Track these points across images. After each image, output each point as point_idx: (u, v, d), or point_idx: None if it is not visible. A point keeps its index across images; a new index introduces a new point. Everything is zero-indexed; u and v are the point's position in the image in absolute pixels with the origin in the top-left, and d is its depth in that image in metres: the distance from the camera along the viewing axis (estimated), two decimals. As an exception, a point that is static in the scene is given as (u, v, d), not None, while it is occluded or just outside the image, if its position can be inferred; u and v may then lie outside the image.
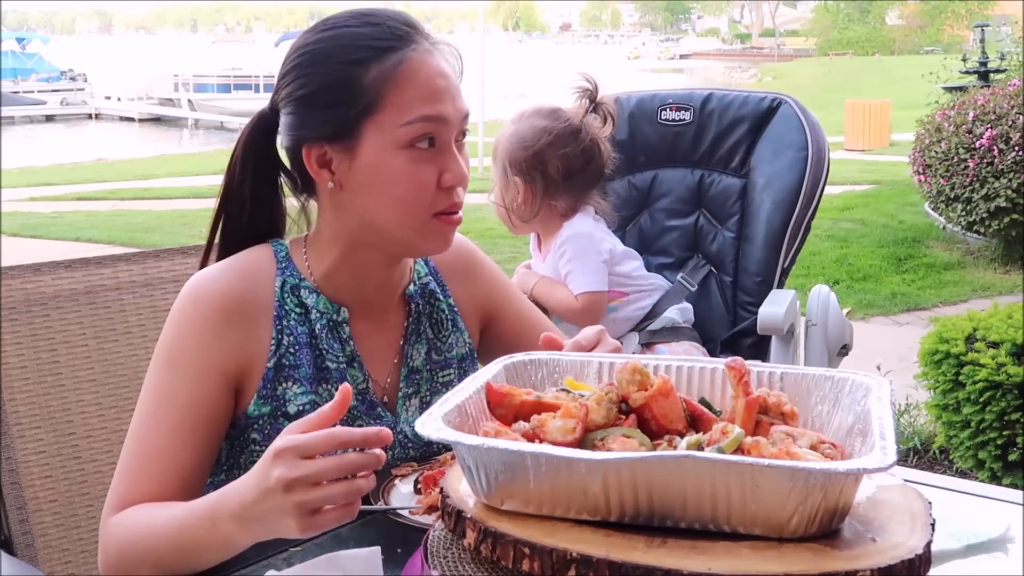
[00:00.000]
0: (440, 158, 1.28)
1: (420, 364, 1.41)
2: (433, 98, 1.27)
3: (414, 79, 1.26)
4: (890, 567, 0.84)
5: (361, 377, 1.36)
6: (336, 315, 1.35)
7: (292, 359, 1.31)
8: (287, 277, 1.34)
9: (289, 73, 1.31)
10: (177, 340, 1.28)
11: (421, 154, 1.27)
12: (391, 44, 1.27)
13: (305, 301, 1.34)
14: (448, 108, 1.28)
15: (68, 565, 1.62)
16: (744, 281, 2.48)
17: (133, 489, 1.23)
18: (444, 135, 1.28)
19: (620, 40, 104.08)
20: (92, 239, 8.90)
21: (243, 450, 1.31)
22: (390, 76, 1.26)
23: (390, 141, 1.26)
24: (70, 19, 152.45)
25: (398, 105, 1.26)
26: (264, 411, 1.29)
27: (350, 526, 1.20)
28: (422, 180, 1.27)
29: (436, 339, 1.44)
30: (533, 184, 2.26)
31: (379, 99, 1.26)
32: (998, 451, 3.31)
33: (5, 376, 1.59)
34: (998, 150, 6.82)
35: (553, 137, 2.23)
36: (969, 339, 3.38)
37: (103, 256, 1.75)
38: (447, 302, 1.46)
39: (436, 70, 1.28)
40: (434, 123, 1.27)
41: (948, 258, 7.58)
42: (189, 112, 27.66)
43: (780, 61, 51.50)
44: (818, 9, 63.16)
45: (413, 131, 1.26)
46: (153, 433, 1.24)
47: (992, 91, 7.42)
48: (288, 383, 1.30)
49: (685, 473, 0.86)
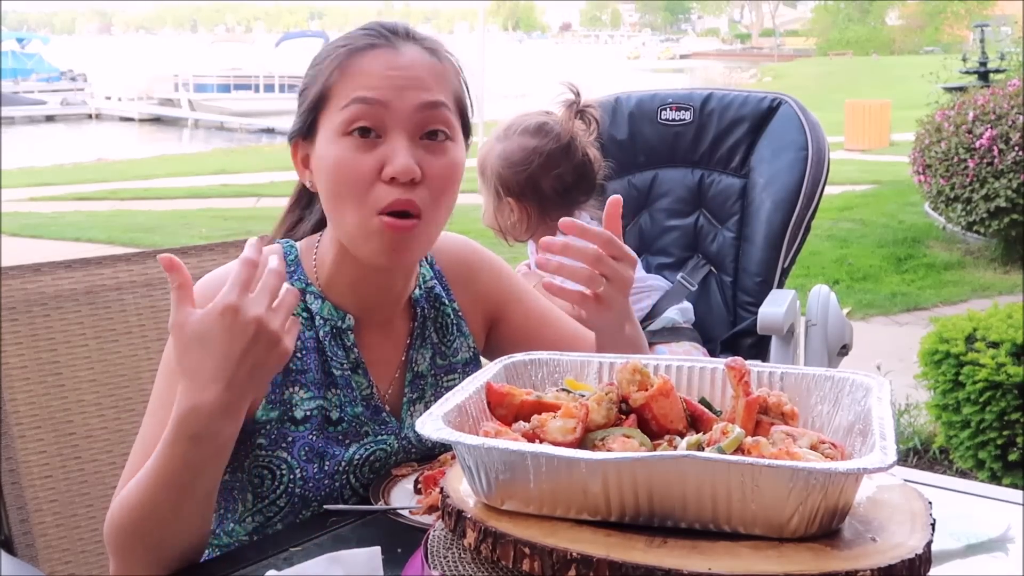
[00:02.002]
0: (383, 148, 1.23)
1: (425, 369, 1.41)
2: (375, 84, 1.24)
3: (361, 68, 1.25)
4: (890, 567, 0.84)
5: (366, 383, 1.35)
6: (341, 322, 1.34)
7: (299, 364, 1.31)
8: (294, 282, 1.33)
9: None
10: None
11: (359, 142, 1.23)
12: (358, 43, 1.27)
13: (311, 307, 1.33)
14: (391, 94, 1.23)
15: (68, 565, 1.62)
16: (744, 281, 2.48)
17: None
18: (389, 123, 1.23)
19: (620, 40, 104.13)
20: (92, 239, 8.90)
21: (247, 454, 1.30)
22: (340, 66, 1.26)
23: (331, 130, 1.25)
24: (70, 19, 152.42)
25: (342, 92, 1.25)
26: (272, 416, 1.29)
27: (351, 526, 1.20)
28: (356, 168, 1.23)
29: (441, 344, 1.43)
30: (527, 205, 2.24)
31: (329, 90, 1.26)
32: (998, 451, 3.31)
33: (5, 376, 1.59)
34: (998, 150, 6.82)
35: (545, 157, 2.19)
36: (969, 339, 3.38)
37: (103, 256, 1.75)
38: (452, 306, 1.45)
39: (391, 62, 1.26)
40: (370, 106, 1.23)
41: (948, 258, 7.59)
42: (189, 112, 27.66)
43: (780, 61, 51.51)
44: (818, 9, 63.17)
45: (347, 114, 1.23)
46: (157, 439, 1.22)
47: (992, 91, 7.43)
48: (295, 387, 1.30)
49: (685, 473, 0.86)
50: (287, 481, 1.28)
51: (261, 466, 1.29)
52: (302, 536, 1.18)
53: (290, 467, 1.28)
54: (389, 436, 1.34)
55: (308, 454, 1.28)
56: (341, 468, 1.30)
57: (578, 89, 2.26)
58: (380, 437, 1.34)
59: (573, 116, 2.23)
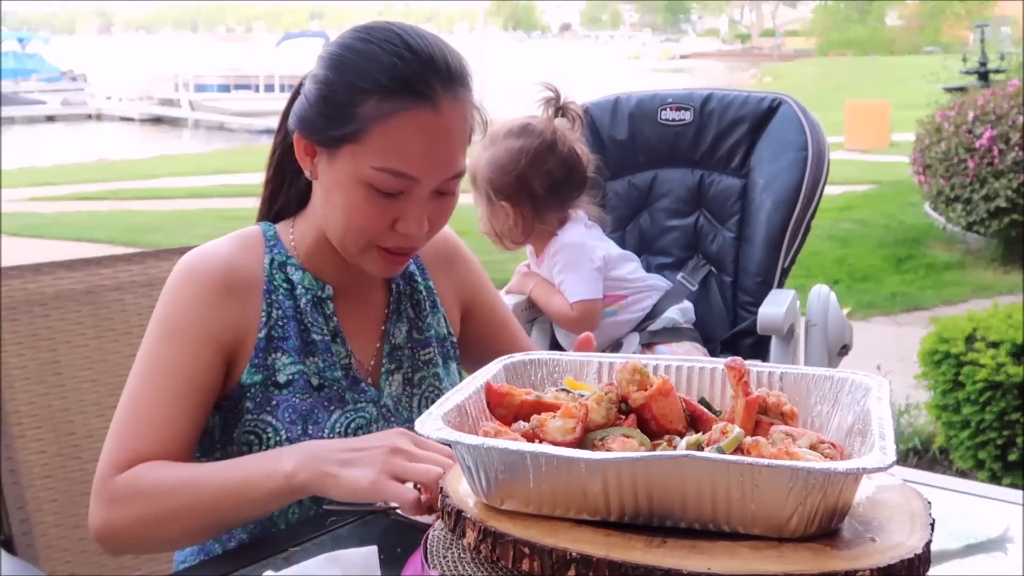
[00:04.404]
0: (402, 206, 1.29)
1: (402, 341, 1.46)
2: (414, 158, 1.27)
3: (403, 133, 1.26)
4: (889, 567, 0.84)
5: (344, 352, 1.40)
6: (320, 291, 1.40)
7: (281, 331, 1.36)
8: (275, 254, 1.39)
9: (318, 63, 1.32)
10: (176, 311, 1.32)
11: (380, 198, 1.28)
12: (402, 87, 1.25)
13: (291, 277, 1.39)
14: (426, 172, 1.27)
15: (69, 565, 1.62)
16: (744, 281, 2.48)
17: (134, 450, 1.26)
18: (414, 190, 1.29)
19: (620, 40, 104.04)
20: (93, 239, 8.91)
21: (236, 423, 1.34)
22: (383, 118, 1.26)
23: (356, 172, 1.28)
24: (70, 19, 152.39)
25: (378, 148, 1.26)
26: (256, 380, 1.34)
27: (350, 525, 1.20)
28: (371, 219, 1.29)
29: (417, 318, 1.49)
30: (521, 206, 2.27)
31: (364, 133, 1.26)
32: (998, 451, 3.31)
33: (5, 376, 1.59)
34: (998, 150, 6.82)
35: (532, 156, 2.22)
36: (969, 339, 3.38)
37: (103, 256, 1.75)
38: (425, 284, 1.51)
39: (433, 133, 1.27)
40: (403, 180, 1.27)
41: (948, 258, 7.59)
42: (189, 112, 27.62)
43: (780, 61, 51.44)
44: (818, 9, 63.14)
45: (379, 178, 1.27)
46: (151, 399, 1.28)
47: (992, 91, 7.43)
48: (278, 354, 1.35)
49: (685, 473, 0.87)
50: (273, 444, 1.32)
51: (248, 431, 1.33)
52: (301, 536, 1.18)
53: (275, 430, 1.32)
54: (368, 404, 1.39)
55: (292, 416, 1.33)
56: (324, 434, 1.34)
57: (555, 87, 2.28)
58: (360, 405, 1.38)
59: (554, 114, 2.26)
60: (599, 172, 2.42)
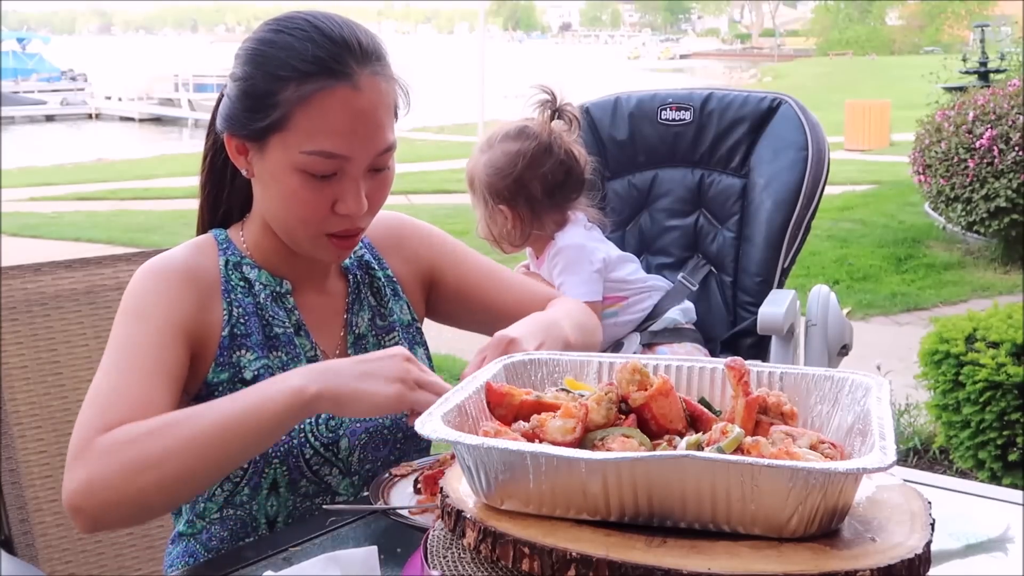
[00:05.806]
0: (339, 186, 1.30)
1: (365, 330, 1.48)
2: (340, 136, 1.28)
3: (326, 112, 1.27)
4: (890, 567, 0.84)
5: (309, 345, 1.41)
6: (279, 287, 1.41)
7: (243, 328, 1.37)
8: (229, 256, 1.41)
9: (235, 60, 1.34)
10: (141, 300, 1.32)
11: (316, 182, 1.29)
12: (318, 69, 1.27)
13: (247, 276, 1.40)
14: (355, 148, 1.29)
15: (68, 565, 1.62)
16: (744, 281, 2.48)
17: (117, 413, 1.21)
18: (346, 168, 1.30)
19: (620, 40, 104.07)
20: (92, 239, 8.91)
21: None
22: (304, 100, 1.27)
23: (288, 160, 1.29)
24: (70, 19, 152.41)
25: (304, 131, 1.27)
26: (223, 378, 1.35)
27: (350, 525, 1.20)
28: (310, 205, 1.30)
29: (379, 306, 1.50)
30: (519, 209, 2.27)
31: (288, 119, 1.28)
32: (998, 451, 3.31)
33: (5, 376, 1.59)
34: (998, 150, 6.82)
35: (529, 159, 2.22)
36: (969, 339, 3.38)
37: (103, 256, 1.75)
38: (384, 272, 1.52)
39: (355, 109, 1.28)
40: (334, 160, 1.28)
41: (948, 258, 7.58)
42: (189, 112, 27.63)
43: (780, 61, 51.46)
44: (818, 9, 63.18)
45: (310, 161, 1.28)
46: (126, 372, 1.26)
47: (992, 91, 7.42)
48: (242, 351, 1.36)
49: (685, 473, 0.86)
50: None
51: None
52: (301, 536, 1.18)
53: None
54: None
55: None
56: (295, 428, 1.33)
57: (552, 90, 2.28)
58: None
59: (550, 116, 2.26)
60: (598, 173, 2.42)
